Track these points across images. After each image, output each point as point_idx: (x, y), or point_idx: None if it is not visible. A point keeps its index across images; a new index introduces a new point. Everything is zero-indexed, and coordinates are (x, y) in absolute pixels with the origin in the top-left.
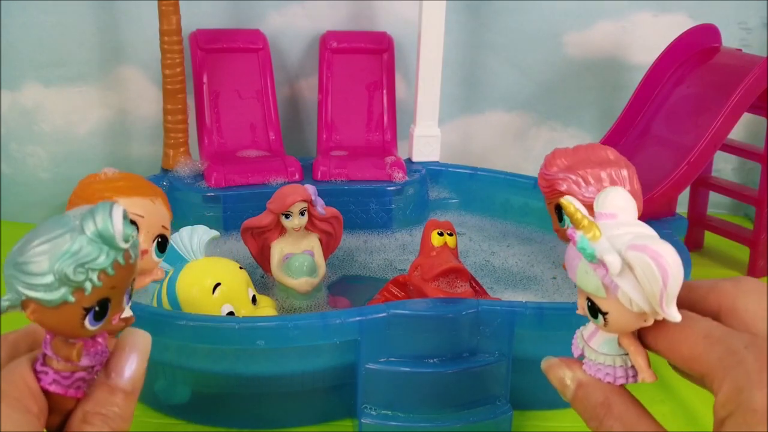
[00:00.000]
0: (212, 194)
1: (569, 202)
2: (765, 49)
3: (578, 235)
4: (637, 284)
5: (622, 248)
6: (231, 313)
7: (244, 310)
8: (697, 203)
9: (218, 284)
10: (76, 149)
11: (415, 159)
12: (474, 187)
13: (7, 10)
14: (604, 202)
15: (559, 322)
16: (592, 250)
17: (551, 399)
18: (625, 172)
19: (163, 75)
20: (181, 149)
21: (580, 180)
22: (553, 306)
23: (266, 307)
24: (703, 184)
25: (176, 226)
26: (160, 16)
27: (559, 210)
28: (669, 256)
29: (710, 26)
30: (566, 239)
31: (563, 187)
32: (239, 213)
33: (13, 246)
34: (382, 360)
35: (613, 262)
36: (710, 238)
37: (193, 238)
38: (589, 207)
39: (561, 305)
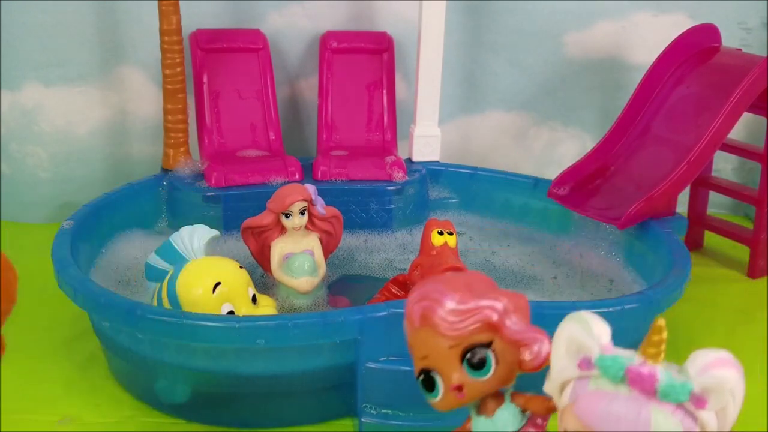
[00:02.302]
0: (212, 194)
1: (662, 326)
2: (765, 49)
3: (663, 373)
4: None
5: (696, 372)
6: (231, 312)
7: (245, 309)
8: (697, 203)
9: (218, 283)
10: (76, 149)
11: (415, 159)
12: (474, 187)
13: (7, 10)
14: (600, 333)
15: (559, 321)
16: (689, 386)
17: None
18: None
19: (163, 75)
20: (182, 149)
21: (501, 304)
22: (553, 305)
23: (266, 307)
24: (702, 184)
25: (177, 226)
26: (161, 16)
27: (480, 360)
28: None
29: (710, 26)
30: (449, 407)
31: (495, 318)
32: (239, 213)
33: None
34: (382, 359)
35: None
36: (710, 237)
37: (193, 237)
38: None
39: (561, 304)
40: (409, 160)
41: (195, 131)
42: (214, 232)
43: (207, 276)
